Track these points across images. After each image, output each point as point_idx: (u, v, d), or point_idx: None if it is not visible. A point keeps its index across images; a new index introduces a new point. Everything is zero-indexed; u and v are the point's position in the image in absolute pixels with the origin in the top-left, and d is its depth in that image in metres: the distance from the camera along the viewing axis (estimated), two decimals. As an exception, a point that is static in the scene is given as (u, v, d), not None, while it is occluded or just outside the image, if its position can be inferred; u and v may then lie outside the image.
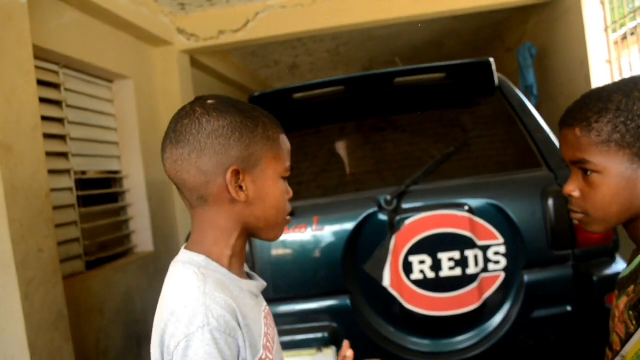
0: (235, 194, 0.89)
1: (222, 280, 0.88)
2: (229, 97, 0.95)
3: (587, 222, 0.95)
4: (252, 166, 0.91)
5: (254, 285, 0.96)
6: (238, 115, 0.89)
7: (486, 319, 2.11)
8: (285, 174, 0.96)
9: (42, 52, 2.88)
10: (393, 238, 2.11)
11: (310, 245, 2.15)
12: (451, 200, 2.11)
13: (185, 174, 0.90)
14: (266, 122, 0.93)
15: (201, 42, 4.13)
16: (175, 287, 0.87)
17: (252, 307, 0.92)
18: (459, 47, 6.02)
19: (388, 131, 2.40)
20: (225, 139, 0.88)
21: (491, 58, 2.28)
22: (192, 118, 0.89)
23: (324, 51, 5.78)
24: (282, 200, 0.95)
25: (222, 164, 0.88)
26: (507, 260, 2.09)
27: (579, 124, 0.92)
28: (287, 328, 2.15)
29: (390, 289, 2.12)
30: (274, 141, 0.93)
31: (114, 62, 3.54)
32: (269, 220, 0.94)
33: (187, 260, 0.90)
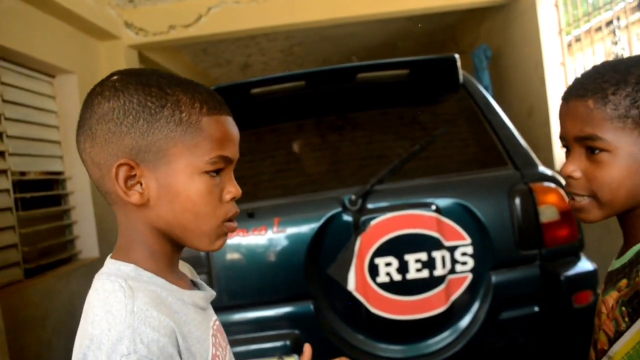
0: (123, 194, 0.72)
1: (158, 294, 0.73)
2: (149, 71, 0.77)
3: (589, 208, 0.86)
4: (154, 159, 0.72)
5: (201, 296, 0.80)
6: (136, 94, 0.72)
7: (454, 322, 2.05)
8: (209, 168, 0.74)
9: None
10: (358, 239, 2.02)
11: (270, 248, 2.03)
12: (417, 199, 2.04)
13: (86, 165, 0.75)
14: (182, 101, 0.73)
15: (150, 36, 3.94)
16: (97, 306, 0.70)
17: (198, 323, 0.77)
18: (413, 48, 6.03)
19: (352, 128, 2.31)
20: (116, 125, 0.71)
21: (456, 55, 2.23)
22: (88, 99, 0.74)
23: (277, 51, 5.67)
24: (202, 203, 0.74)
25: (114, 155, 0.72)
26: (475, 261, 2.04)
27: (592, 95, 0.82)
28: (247, 337, 2.02)
29: (355, 293, 2.03)
30: (191, 125, 0.73)
31: (56, 56, 3.31)
32: (187, 227, 0.75)
33: (113, 271, 0.74)
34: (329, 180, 2.23)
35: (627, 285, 0.82)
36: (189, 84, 0.77)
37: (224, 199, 0.77)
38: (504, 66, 4.51)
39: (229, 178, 0.78)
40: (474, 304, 2.05)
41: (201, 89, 0.77)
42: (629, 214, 0.86)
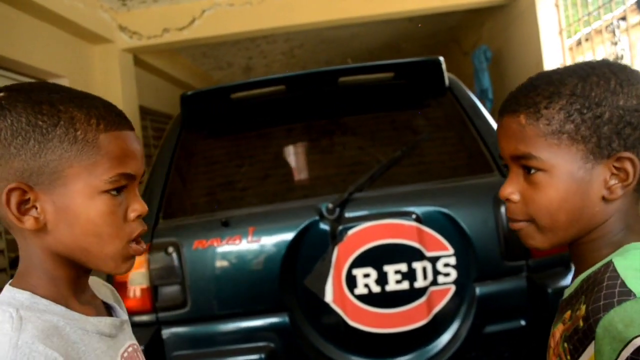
0: (16, 220, 0.68)
1: (53, 323, 0.68)
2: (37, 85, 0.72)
3: (529, 232, 0.78)
4: (48, 181, 0.68)
5: (107, 323, 0.76)
6: (25, 113, 0.67)
7: (436, 336, 1.96)
8: (109, 186, 0.70)
9: (-43, 47, 2.63)
10: (335, 250, 1.95)
11: (245, 258, 1.97)
12: (398, 208, 1.96)
13: None
14: (76, 118, 0.69)
15: (144, 40, 3.91)
16: None
17: (102, 353, 0.73)
18: (415, 50, 5.94)
19: (331, 134, 2.24)
20: (3, 147, 0.66)
21: (441, 57, 2.15)
22: None
23: (278, 53, 5.62)
24: (103, 224, 0.70)
25: (3, 179, 0.67)
26: (458, 272, 1.95)
27: (525, 110, 0.74)
28: (221, 349, 1.96)
29: (333, 305, 1.96)
30: (87, 144, 0.69)
31: (47, 61, 3.29)
32: (89, 250, 0.71)
33: (7, 299, 0.69)
34: (306, 187, 2.16)
35: (570, 318, 0.73)
36: (84, 98, 0.72)
37: (128, 218, 0.73)
38: (505, 67, 4.41)
39: (133, 195, 0.74)
40: (457, 317, 1.96)
41: (97, 103, 0.72)
42: (577, 242, 0.78)
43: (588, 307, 0.69)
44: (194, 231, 1.99)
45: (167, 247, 1.98)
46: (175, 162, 2.16)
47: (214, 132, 2.28)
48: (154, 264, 1.97)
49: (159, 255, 1.98)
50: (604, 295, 0.67)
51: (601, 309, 0.67)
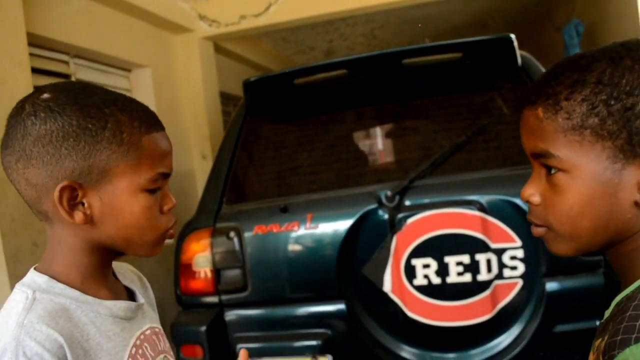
0: (67, 215, 0.72)
1: (64, 306, 0.73)
2: (78, 87, 0.76)
3: (550, 239, 0.69)
4: (97, 179, 0.73)
5: (122, 306, 0.80)
6: (75, 116, 0.71)
7: (500, 333, 1.86)
8: (151, 186, 0.76)
9: (48, 42, 2.81)
10: (394, 238, 1.89)
11: (303, 244, 1.97)
12: (460, 196, 1.87)
13: (17, 184, 0.74)
14: (121, 121, 0.73)
15: (222, 27, 3.98)
16: (1, 317, 0.72)
17: (114, 334, 0.77)
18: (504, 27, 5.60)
19: (393, 119, 2.17)
20: (55, 148, 0.70)
21: (512, 34, 2.00)
22: (18, 118, 0.72)
23: (359, 35, 5.53)
24: (147, 218, 0.76)
25: (53, 177, 0.71)
26: (526, 266, 1.83)
27: (543, 101, 0.65)
28: (278, 333, 1.99)
29: (391, 295, 1.91)
30: (132, 145, 0.74)
31: (130, 51, 3.45)
32: (131, 240, 0.77)
33: (28, 281, 0.75)
34: (366, 174, 2.11)
35: (596, 348, 0.64)
36: (124, 101, 0.76)
37: (163, 211, 0.79)
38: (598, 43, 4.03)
39: (166, 190, 0.80)
40: (524, 314, 1.85)
41: (136, 106, 0.77)
42: (615, 250, 0.67)
43: (607, 340, 0.59)
44: (255, 217, 2.02)
45: (229, 231, 2.02)
46: (239, 148, 2.20)
47: (277, 118, 2.28)
48: (217, 247, 2.02)
49: (222, 239, 2.02)
50: (624, 329, 0.58)
51: (617, 345, 0.57)
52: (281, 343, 1.97)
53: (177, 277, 2.07)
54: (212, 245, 2.02)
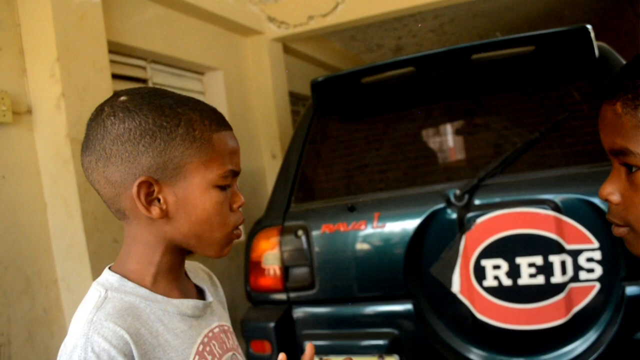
0: (145, 210, 0.76)
1: (133, 305, 0.77)
2: (151, 90, 0.81)
3: (631, 240, 0.66)
4: (171, 175, 0.77)
5: (190, 305, 0.83)
6: (151, 114, 0.75)
7: (574, 338, 1.78)
8: (222, 182, 0.79)
9: (127, 49, 2.96)
10: (463, 238, 1.86)
11: (370, 243, 1.97)
12: (533, 195, 1.80)
13: (97, 184, 0.79)
14: (193, 119, 0.77)
15: (291, 29, 4.04)
16: (76, 313, 0.77)
17: (181, 332, 0.80)
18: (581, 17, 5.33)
19: (463, 116, 2.12)
20: (133, 145, 0.75)
21: (588, 25, 1.91)
22: (98, 120, 0.77)
23: (428, 31, 5.44)
24: (218, 214, 0.79)
25: (131, 174, 0.75)
26: (603, 269, 1.75)
27: (622, 95, 0.62)
28: (346, 332, 2.00)
29: (460, 296, 1.88)
30: (204, 142, 0.78)
31: (203, 55, 3.57)
32: (202, 237, 0.80)
33: (102, 280, 0.80)
34: (434, 173, 2.08)
35: None
36: (194, 102, 0.81)
37: (232, 209, 0.82)
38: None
39: (234, 188, 0.83)
40: (601, 319, 1.76)
41: (205, 107, 0.81)
42: None
43: None
44: (322, 215, 2.04)
45: (297, 230, 2.05)
46: (307, 148, 2.23)
47: (344, 117, 2.29)
48: (285, 245, 2.06)
49: (290, 237, 2.06)
50: None
51: None
52: (348, 341, 1.98)
53: (247, 274, 2.13)
54: (280, 244, 2.07)
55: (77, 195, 2.30)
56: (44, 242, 2.32)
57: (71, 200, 2.31)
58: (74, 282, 2.34)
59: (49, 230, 2.34)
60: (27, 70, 2.29)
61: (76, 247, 2.32)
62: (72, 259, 2.33)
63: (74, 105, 2.30)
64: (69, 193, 2.30)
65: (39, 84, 2.28)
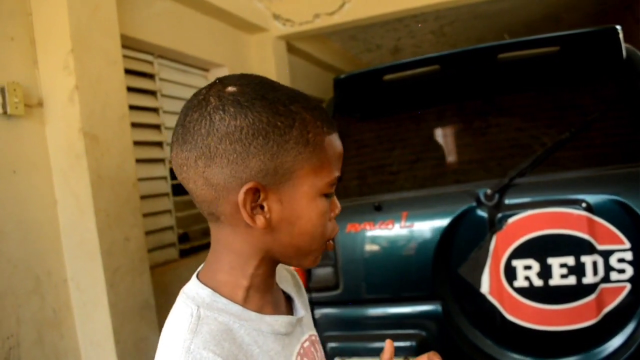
0: (249, 219, 0.68)
1: (227, 326, 0.69)
2: (260, 80, 0.71)
3: None
4: (279, 181, 0.68)
5: (284, 322, 0.75)
6: (265, 112, 0.66)
7: (605, 339, 1.77)
8: (329, 190, 0.71)
9: (135, 43, 2.90)
10: (493, 238, 1.84)
11: (397, 243, 1.94)
12: (565, 195, 1.79)
13: (192, 183, 0.69)
14: (307, 120, 0.68)
15: (296, 26, 4.01)
16: (167, 332, 0.69)
17: (276, 353, 0.72)
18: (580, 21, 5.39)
19: (491, 115, 2.10)
20: (243, 146, 0.65)
21: (618, 25, 1.91)
22: (203, 112, 0.67)
23: (427, 32, 5.45)
24: (319, 224, 0.71)
25: (237, 177, 0.67)
26: (635, 270, 1.74)
27: None
28: (371, 333, 1.96)
29: (489, 297, 1.86)
30: (316, 147, 0.68)
31: (208, 51, 3.52)
32: (301, 248, 0.72)
33: (192, 294, 0.72)
34: (463, 172, 2.06)
35: None
36: (305, 99, 0.71)
37: (331, 217, 0.75)
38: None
39: (333, 195, 0.75)
40: (632, 319, 1.75)
41: (315, 105, 0.72)
42: None
43: None
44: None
45: (321, 229, 2.01)
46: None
47: (367, 115, 2.26)
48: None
49: (313, 237, 2.02)
50: None
51: None
52: (373, 343, 1.95)
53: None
54: (303, 243, 2.02)
55: (89, 192, 2.23)
56: (54, 239, 2.24)
57: (83, 196, 2.24)
58: (84, 282, 2.27)
59: (59, 227, 2.27)
60: (38, 62, 2.21)
61: (87, 245, 2.25)
62: (83, 258, 2.26)
63: (87, 98, 2.24)
64: (80, 189, 2.23)
65: (51, 76, 2.21)
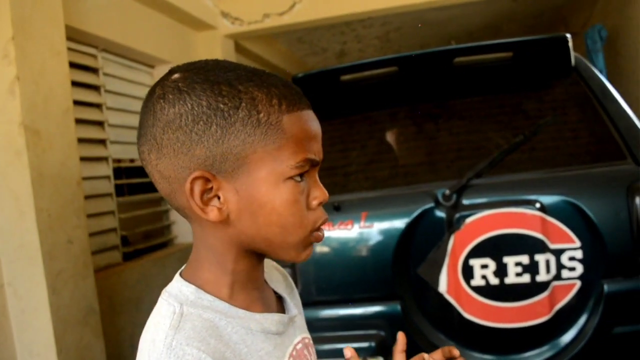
0: (201, 212, 0.64)
1: (213, 323, 0.65)
2: (209, 63, 0.67)
3: None
4: (232, 169, 0.63)
5: (274, 320, 0.71)
6: (205, 95, 0.62)
7: (558, 334, 1.83)
8: (294, 173, 0.64)
9: (79, 35, 2.76)
10: (451, 238, 1.86)
11: (356, 243, 1.93)
12: (520, 196, 1.84)
13: (152, 178, 0.67)
14: (258, 99, 0.63)
15: (245, 26, 3.95)
16: (149, 332, 0.65)
17: (266, 354, 0.68)
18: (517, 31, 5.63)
19: (447, 117, 2.14)
20: (185, 134, 0.62)
21: (568, 34, 1.99)
22: (148, 103, 0.65)
23: (373, 37, 5.53)
24: (288, 214, 0.65)
25: (185, 167, 0.63)
26: (585, 267, 1.81)
27: None
28: (329, 335, 1.94)
29: (447, 296, 1.88)
30: (270, 127, 0.63)
31: (155, 47, 3.40)
32: (272, 240, 0.66)
33: (175, 291, 0.68)
34: (421, 173, 2.08)
35: None
36: (261, 76, 0.66)
37: (311, 206, 0.68)
38: (622, 48, 4.07)
39: (314, 181, 0.69)
40: (582, 315, 1.82)
41: (276, 81, 0.66)
42: None
43: None
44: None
45: (278, 229, 1.98)
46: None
47: (325, 115, 2.24)
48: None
49: (270, 237, 1.98)
50: None
51: None
52: (332, 345, 1.92)
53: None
54: (260, 243, 1.98)
55: (30, 190, 2.09)
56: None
57: (23, 195, 2.10)
58: (23, 287, 2.12)
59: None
60: (-26, 50, 2.06)
61: (27, 248, 2.11)
62: (22, 261, 2.12)
63: (29, 90, 2.10)
64: (20, 188, 2.09)
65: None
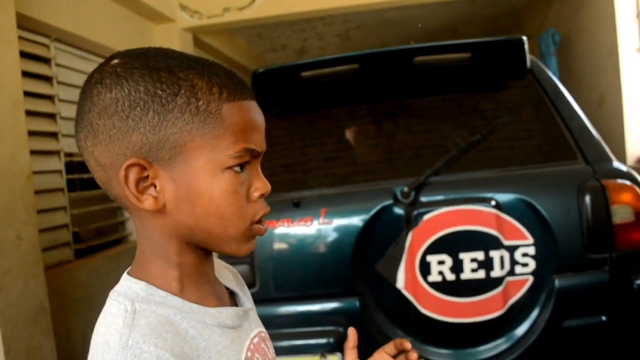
0: (135, 199, 0.62)
1: (167, 318, 0.63)
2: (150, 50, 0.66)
3: None
4: (169, 157, 0.62)
5: (229, 314, 0.70)
6: (143, 81, 0.60)
7: (511, 328, 1.89)
8: (233, 163, 0.64)
9: (30, 23, 2.66)
10: (409, 235, 1.89)
11: (315, 240, 1.93)
12: (476, 194, 1.88)
13: (88, 165, 0.65)
14: (198, 87, 0.62)
15: (205, 19, 3.90)
16: (99, 334, 0.62)
17: (224, 347, 0.67)
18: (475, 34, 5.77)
19: (406, 116, 2.17)
20: (121, 119, 0.60)
21: (524, 37, 2.04)
22: (85, 89, 0.63)
23: (334, 35, 5.54)
24: (227, 204, 0.64)
25: (120, 154, 0.62)
26: (537, 263, 1.87)
27: None
28: (288, 331, 1.94)
29: (405, 292, 1.90)
30: (209, 115, 0.62)
31: (110, 38, 3.32)
32: (211, 232, 0.65)
33: (124, 290, 0.65)
34: (380, 170, 2.10)
35: None
36: (204, 64, 0.65)
37: (251, 198, 0.67)
38: (573, 52, 4.21)
39: (255, 173, 0.68)
40: (534, 309, 1.88)
41: (218, 70, 0.65)
42: None
43: None
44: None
45: (237, 226, 1.96)
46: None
47: (285, 111, 2.24)
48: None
49: (229, 233, 1.96)
50: None
51: None
52: (290, 341, 1.92)
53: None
54: (218, 240, 1.96)
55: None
56: None
57: (-32, 189, 2.01)
58: (-33, 285, 2.04)
59: (-62, 223, 2.02)
60: None
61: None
62: (-34, 258, 2.03)
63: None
64: (-34, 181, 2.01)
65: None
